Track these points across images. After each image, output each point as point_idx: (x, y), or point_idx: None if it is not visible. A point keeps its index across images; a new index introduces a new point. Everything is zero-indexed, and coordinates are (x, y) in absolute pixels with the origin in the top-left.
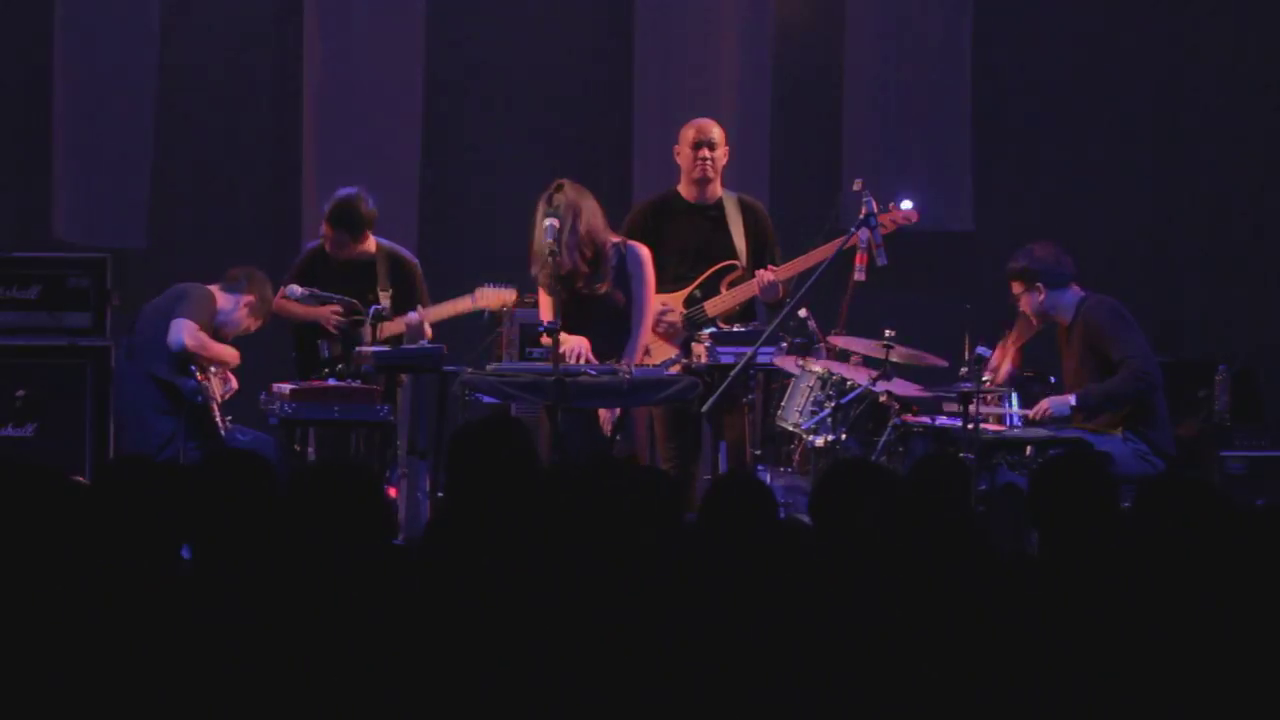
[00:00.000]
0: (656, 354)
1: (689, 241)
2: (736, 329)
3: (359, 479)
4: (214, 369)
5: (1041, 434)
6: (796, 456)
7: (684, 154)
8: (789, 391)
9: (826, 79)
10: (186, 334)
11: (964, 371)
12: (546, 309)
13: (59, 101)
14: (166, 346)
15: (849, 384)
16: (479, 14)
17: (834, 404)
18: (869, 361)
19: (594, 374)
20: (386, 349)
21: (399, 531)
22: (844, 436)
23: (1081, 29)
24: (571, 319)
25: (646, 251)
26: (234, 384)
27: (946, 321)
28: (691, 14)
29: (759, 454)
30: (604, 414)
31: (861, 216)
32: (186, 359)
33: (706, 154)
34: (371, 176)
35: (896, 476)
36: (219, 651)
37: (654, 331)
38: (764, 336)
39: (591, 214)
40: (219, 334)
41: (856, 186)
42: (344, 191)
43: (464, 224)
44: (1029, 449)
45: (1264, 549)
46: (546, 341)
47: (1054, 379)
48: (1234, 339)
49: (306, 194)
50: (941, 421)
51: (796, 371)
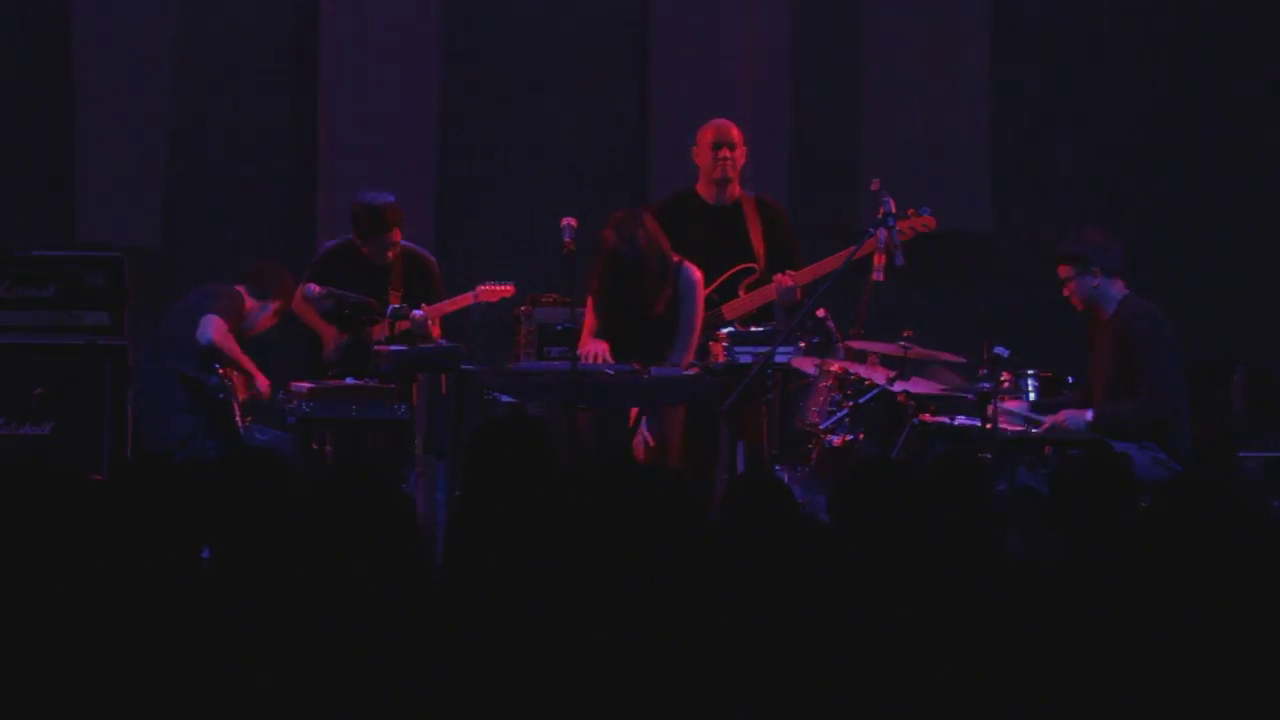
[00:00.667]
0: None
1: (706, 243)
2: (754, 329)
3: (379, 479)
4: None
5: (1058, 436)
6: (814, 456)
7: (703, 155)
8: (807, 391)
9: (844, 78)
10: (215, 330)
11: (982, 371)
12: (591, 325)
13: (78, 100)
14: (192, 343)
15: (866, 384)
16: (496, 7)
17: (851, 404)
18: (886, 361)
19: (611, 373)
20: (404, 348)
21: (420, 534)
22: (861, 436)
23: (1099, 27)
24: (618, 333)
25: (699, 275)
26: (264, 389)
27: (964, 321)
28: (709, 13)
29: (776, 454)
30: (638, 441)
31: (879, 216)
32: (213, 355)
33: (726, 154)
34: (388, 174)
35: (916, 475)
36: (235, 651)
37: None
38: (782, 337)
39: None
40: (243, 335)
41: (874, 186)
42: (362, 199)
43: (482, 221)
44: (1048, 449)
45: None
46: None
47: (1071, 379)
48: (1251, 340)
49: (323, 192)
50: (960, 421)
51: (814, 373)
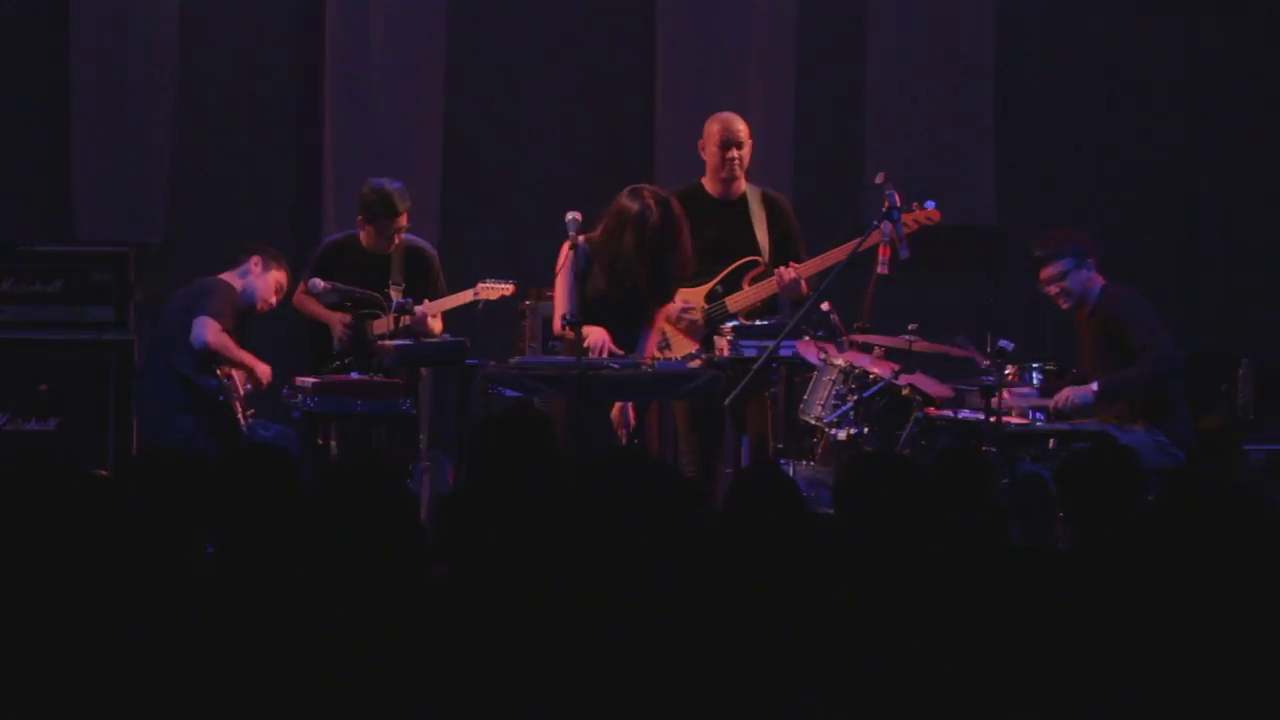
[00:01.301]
0: (677, 349)
1: (712, 237)
2: (759, 323)
3: (383, 475)
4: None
5: (1064, 427)
6: (819, 450)
7: (710, 152)
8: (811, 385)
9: (849, 73)
10: (209, 332)
11: (986, 364)
12: (564, 298)
13: (77, 95)
14: (189, 344)
15: (871, 377)
16: (502, 7)
17: (856, 397)
18: (891, 354)
19: (617, 367)
20: (409, 343)
21: (422, 530)
22: (866, 430)
23: (1104, 21)
24: (595, 303)
25: None
26: (263, 378)
27: (969, 314)
28: (715, 9)
29: (781, 447)
30: (616, 416)
31: (884, 210)
32: (209, 357)
33: (734, 154)
34: (393, 169)
35: (920, 469)
36: (238, 647)
37: (675, 328)
38: (786, 330)
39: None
40: (253, 312)
41: (879, 180)
42: (372, 184)
43: (486, 214)
44: (1052, 442)
45: None
46: (569, 334)
47: (1075, 370)
48: (1257, 332)
49: (327, 187)
50: (964, 415)
51: (818, 360)
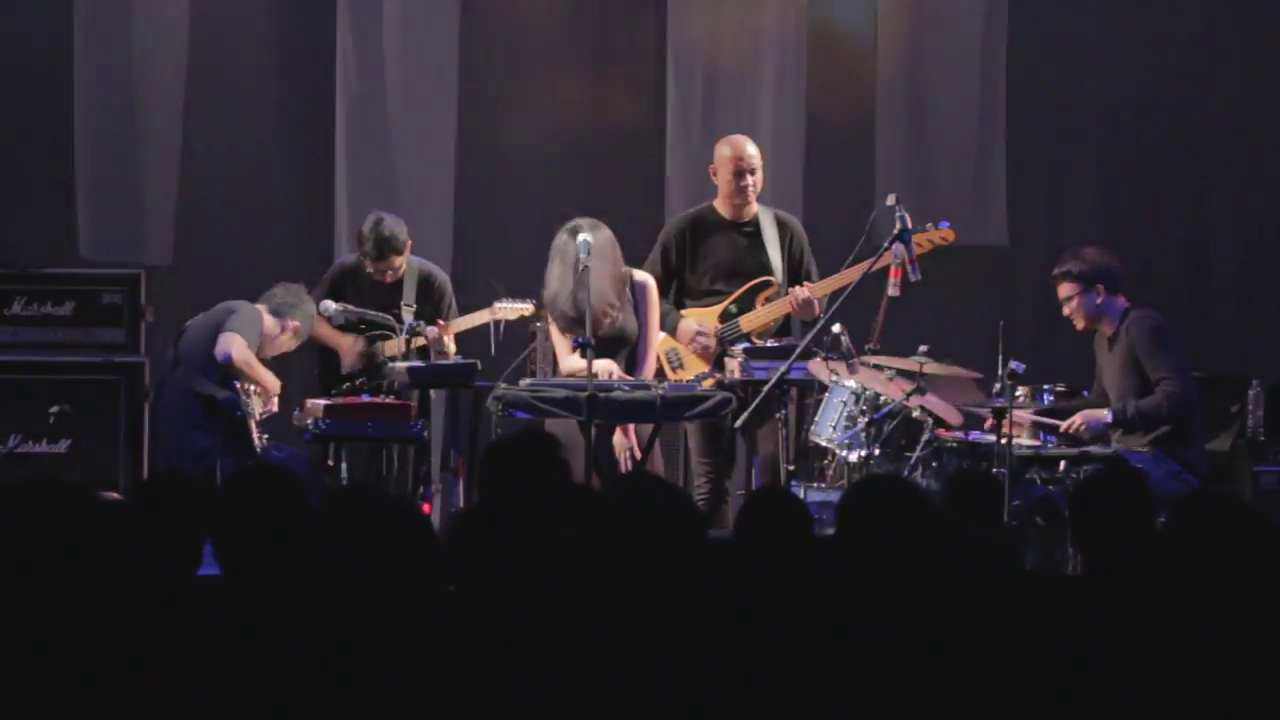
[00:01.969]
0: (689, 369)
1: (725, 258)
2: (770, 344)
3: (395, 498)
4: (255, 388)
5: (1075, 451)
6: (830, 472)
7: (723, 177)
8: (822, 406)
9: (860, 93)
10: (235, 348)
11: (998, 388)
12: (563, 348)
13: (82, 118)
14: (211, 360)
15: (882, 399)
16: (512, 27)
17: (867, 419)
18: (902, 375)
19: (627, 390)
20: (420, 364)
21: (436, 552)
22: (877, 452)
23: (1115, 44)
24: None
25: (654, 283)
26: (274, 406)
27: (981, 336)
28: (726, 29)
29: (792, 469)
30: (619, 441)
31: (896, 231)
32: (231, 372)
33: (748, 181)
34: (405, 191)
35: (924, 491)
36: (248, 669)
37: (688, 348)
38: (797, 351)
39: (618, 257)
40: (260, 352)
41: (890, 201)
42: (370, 220)
43: (500, 238)
44: (1063, 465)
45: None
46: (579, 365)
47: (1086, 393)
48: (1267, 354)
49: (340, 209)
50: (975, 436)
51: (829, 380)
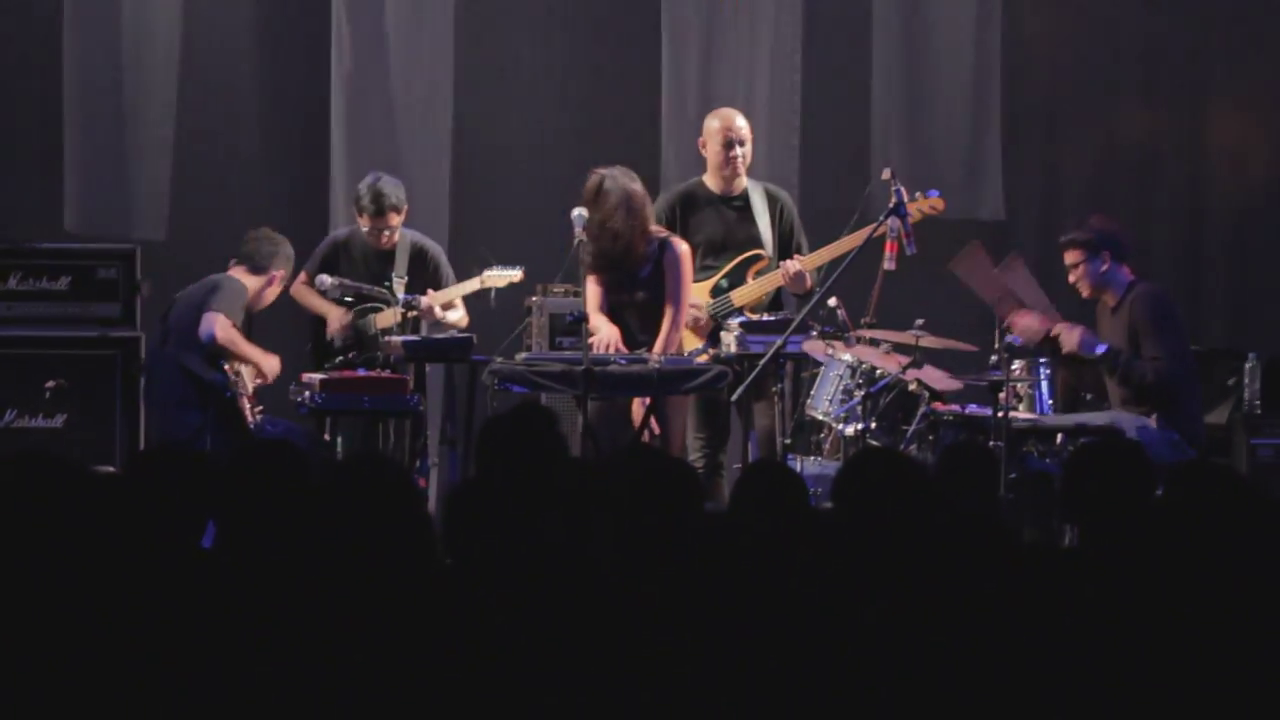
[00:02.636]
0: (684, 344)
1: (715, 232)
2: (766, 318)
3: (390, 471)
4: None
5: (1070, 423)
6: (826, 445)
7: (713, 150)
8: (818, 380)
9: (855, 67)
10: (218, 327)
11: (994, 360)
12: (594, 297)
13: (71, 90)
14: (197, 338)
15: (879, 372)
16: (508, 4)
17: (864, 393)
18: (898, 349)
19: (623, 364)
20: (416, 339)
21: (431, 525)
22: (873, 425)
23: (1111, 16)
24: (611, 305)
25: (686, 248)
26: (268, 377)
27: (976, 310)
28: (721, 5)
29: (789, 442)
30: (637, 411)
31: (891, 205)
32: (217, 352)
33: (737, 151)
34: (400, 164)
35: (920, 465)
36: (245, 642)
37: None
38: (793, 325)
39: (644, 199)
40: (253, 309)
41: (885, 175)
42: (367, 179)
43: (493, 211)
44: (1059, 437)
45: None
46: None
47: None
48: (1264, 327)
49: (335, 184)
50: (972, 409)
51: (824, 358)
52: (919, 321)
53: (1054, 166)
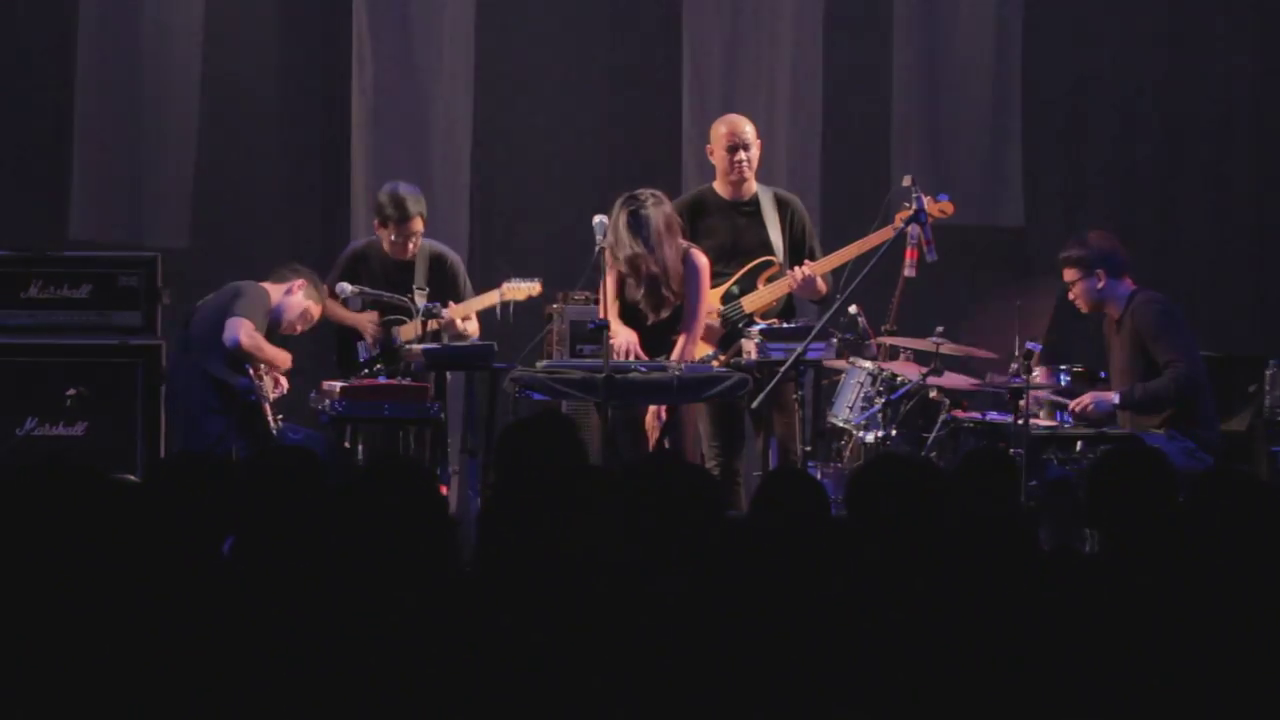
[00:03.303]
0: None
1: (725, 239)
2: (785, 325)
3: (412, 476)
4: (266, 371)
5: (1090, 430)
6: (847, 453)
7: (718, 155)
8: (839, 388)
9: (876, 74)
10: (243, 332)
11: (1014, 367)
12: (611, 296)
13: (83, 97)
14: (221, 344)
15: (899, 380)
16: (529, 7)
17: (884, 400)
18: (918, 356)
19: (644, 371)
20: (436, 347)
21: (453, 532)
22: (894, 432)
23: (1132, 23)
24: (630, 311)
25: (706, 260)
26: (284, 386)
27: (997, 317)
28: (742, 10)
29: (809, 450)
30: (650, 420)
31: (911, 212)
32: (241, 357)
33: (742, 156)
34: (421, 173)
35: (934, 468)
36: (267, 649)
37: None
38: (813, 333)
39: (678, 231)
40: (277, 328)
41: (906, 182)
42: (386, 188)
43: (515, 220)
44: (1079, 445)
45: None
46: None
47: (1104, 374)
48: None
49: (356, 193)
50: (992, 416)
51: (846, 368)
52: (939, 328)
53: (1074, 173)
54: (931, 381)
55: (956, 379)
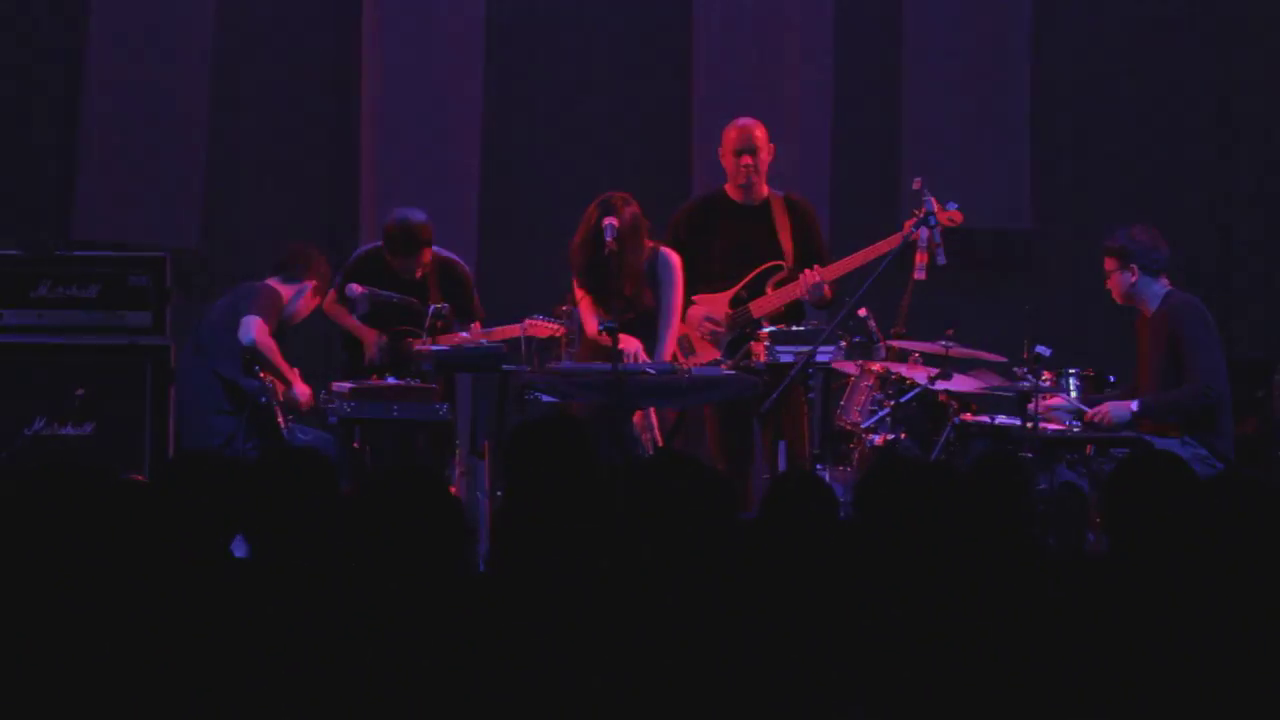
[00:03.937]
0: (700, 357)
1: (735, 242)
2: (795, 328)
3: (425, 480)
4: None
5: (1101, 435)
6: (856, 456)
7: (727, 159)
8: (848, 390)
9: (886, 77)
10: (256, 330)
11: (1023, 370)
12: (589, 312)
13: (89, 97)
14: (233, 344)
15: (908, 383)
16: (538, 10)
17: (893, 403)
18: (928, 359)
19: (654, 373)
20: (446, 348)
21: (466, 533)
22: (903, 435)
23: (1140, 25)
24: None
25: (677, 258)
26: (305, 395)
27: (1006, 320)
28: (751, 17)
29: (818, 453)
30: (639, 422)
31: (921, 216)
32: (253, 357)
33: (749, 160)
34: (430, 179)
35: (944, 473)
36: (278, 650)
37: (697, 335)
38: (824, 336)
39: (644, 234)
40: (289, 323)
41: (916, 186)
42: (396, 217)
43: (524, 225)
44: (1090, 449)
45: None
46: (605, 341)
47: (1113, 378)
48: None
49: (365, 195)
50: (1001, 420)
51: (856, 373)
52: (948, 331)
53: (1083, 176)
54: (939, 385)
55: (965, 382)
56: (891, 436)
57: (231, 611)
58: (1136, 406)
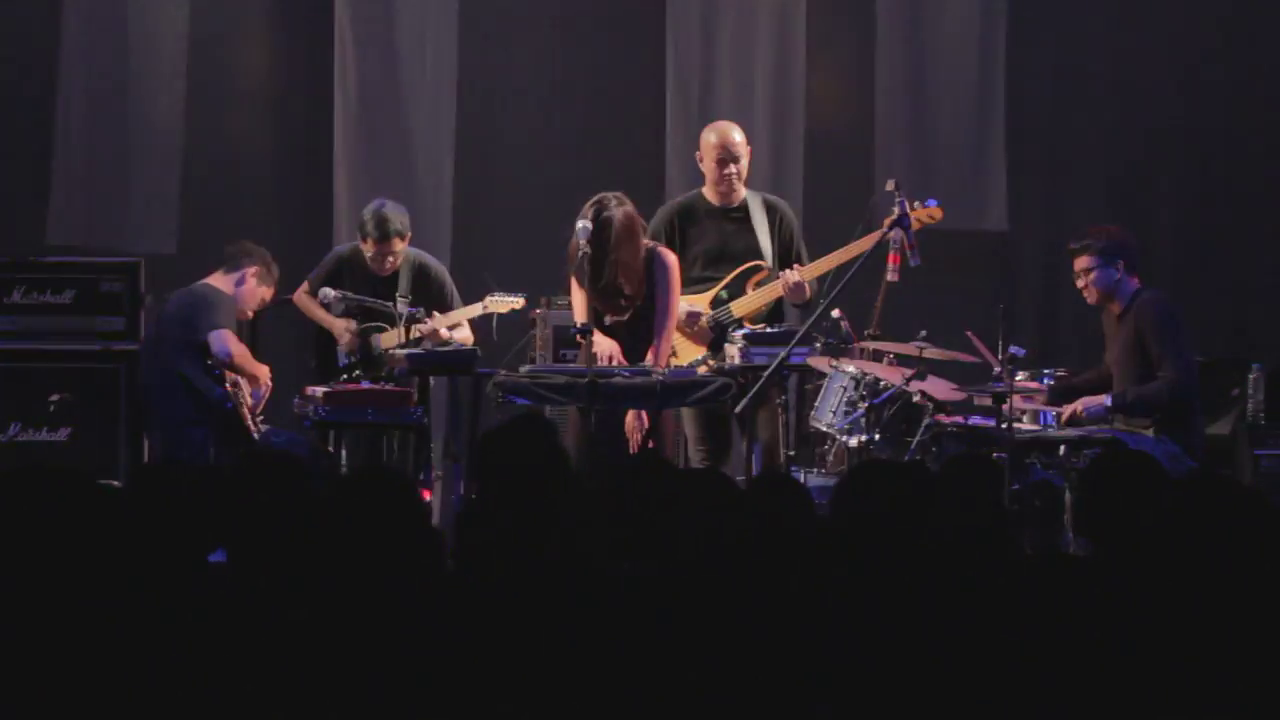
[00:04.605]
0: (684, 355)
1: (714, 244)
2: (769, 330)
3: (394, 482)
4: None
5: (1075, 434)
6: (830, 457)
7: (707, 165)
8: (822, 392)
9: (859, 76)
10: (231, 344)
11: (997, 371)
12: (580, 307)
13: (65, 103)
14: (192, 347)
15: (882, 384)
16: (512, 19)
17: (867, 404)
18: (902, 360)
19: (627, 376)
20: (420, 351)
21: (433, 536)
22: (877, 437)
23: (1115, 27)
24: (599, 319)
25: (674, 258)
26: (266, 388)
27: (980, 321)
28: (724, 16)
29: (792, 454)
30: (631, 423)
31: (895, 217)
32: (229, 368)
33: (731, 169)
34: (403, 178)
35: (919, 474)
36: (249, 653)
37: (683, 333)
38: (797, 337)
39: (639, 233)
40: (244, 316)
41: (889, 187)
42: (374, 203)
43: (497, 225)
44: (1062, 449)
45: None
46: (581, 343)
47: (1062, 371)
48: (1267, 338)
49: (338, 196)
50: (975, 421)
51: (829, 372)
52: (922, 332)
53: (1057, 177)
54: (914, 387)
55: (939, 387)
56: (866, 438)
57: (207, 616)
58: (1110, 402)
